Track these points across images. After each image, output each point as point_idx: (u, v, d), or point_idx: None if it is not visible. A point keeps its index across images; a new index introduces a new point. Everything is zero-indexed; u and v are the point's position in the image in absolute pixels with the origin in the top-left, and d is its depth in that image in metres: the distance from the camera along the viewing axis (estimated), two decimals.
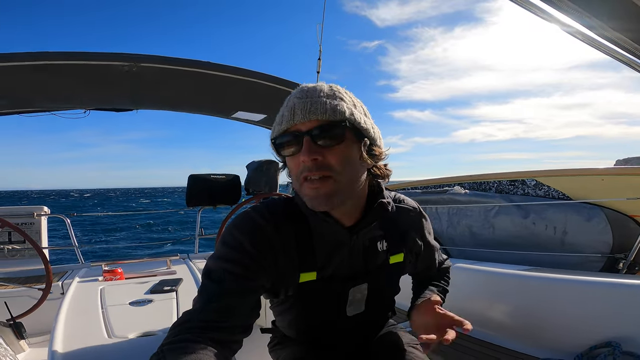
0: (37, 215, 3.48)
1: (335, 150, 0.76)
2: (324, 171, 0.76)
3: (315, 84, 0.82)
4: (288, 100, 0.81)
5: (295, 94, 0.80)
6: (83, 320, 1.56)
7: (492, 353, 2.01)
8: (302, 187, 0.79)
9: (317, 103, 0.76)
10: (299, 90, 0.81)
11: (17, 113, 2.63)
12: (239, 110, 2.92)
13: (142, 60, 2.00)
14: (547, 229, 3.39)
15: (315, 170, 0.76)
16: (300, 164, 0.77)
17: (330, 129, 0.76)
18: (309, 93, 0.78)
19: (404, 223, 1.00)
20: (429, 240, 1.08)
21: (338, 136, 0.76)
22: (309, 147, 0.75)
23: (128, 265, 2.65)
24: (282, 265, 0.85)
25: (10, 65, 1.85)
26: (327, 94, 0.78)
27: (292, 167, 0.81)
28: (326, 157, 0.76)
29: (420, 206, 1.08)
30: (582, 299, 1.89)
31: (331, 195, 0.77)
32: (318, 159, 0.75)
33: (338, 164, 0.77)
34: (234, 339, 0.75)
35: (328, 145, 0.76)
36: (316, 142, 0.75)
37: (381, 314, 1.11)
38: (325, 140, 0.76)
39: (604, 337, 1.79)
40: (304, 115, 0.75)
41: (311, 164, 0.75)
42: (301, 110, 0.76)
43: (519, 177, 3.73)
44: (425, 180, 4.64)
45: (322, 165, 0.76)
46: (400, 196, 1.04)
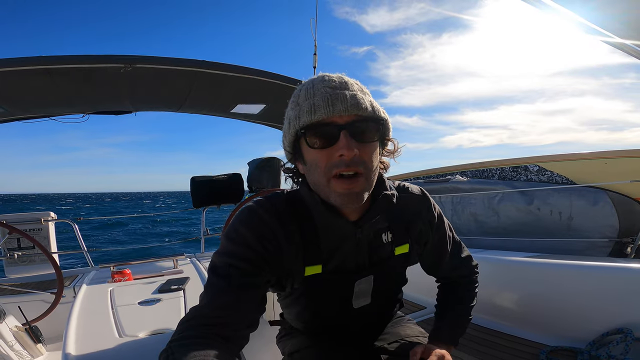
0: (44, 220, 3.52)
1: (370, 147, 0.76)
2: (357, 167, 0.74)
3: (338, 75, 0.79)
4: (314, 89, 0.77)
5: (323, 82, 0.77)
6: (94, 322, 1.59)
7: (501, 341, 2.00)
8: (331, 182, 0.76)
9: (357, 97, 0.74)
10: (327, 80, 0.77)
11: (16, 120, 2.65)
12: (238, 104, 2.91)
13: (137, 61, 2.00)
14: (553, 215, 3.37)
15: (351, 166, 0.74)
16: (332, 158, 0.75)
17: (372, 124, 0.76)
18: (343, 85, 0.76)
19: (409, 212, 0.97)
20: (437, 226, 1.03)
21: (376, 133, 0.77)
22: (349, 141, 0.73)
23: (136, 266, 2.68)
24: (287, 259, 0.85)
25: (6, 71, 1.86)
26: (361, 89, 0.77)
27: (320, 159, 0.76)
28: (362, 153, 0.75)
29: (426, 191, 1.04)
30: (592, 285, 1.86)
31: (361, 193, 0.77)
32: (357, 154, 0.74)
33: (370, 161, 0.76)
34: (240, 334, 0.76)
35: (366, 141, 0.75)
36: (353, 136, 0.74)
37: (388, 306, 1.11)
38: (366, 136, 0.75)
39: (616, 323, 1.76)
40: (345, 108, 0.72)
41: (349, 158, 0.73)
42: (342, 102, 0.73)
43: (522, 163, 3.71)
44: (427, 170, 4.63)
45: (358, 161, 0.74)
46: (404, 184, 1.01)
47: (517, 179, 3.78)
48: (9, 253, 3.31)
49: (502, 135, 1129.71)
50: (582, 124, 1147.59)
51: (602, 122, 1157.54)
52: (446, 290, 1.15)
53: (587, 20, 0.82)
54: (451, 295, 1.13)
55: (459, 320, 1.08)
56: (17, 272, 3.33)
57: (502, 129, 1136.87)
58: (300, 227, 0.86)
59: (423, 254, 1.06)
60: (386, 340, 1.09)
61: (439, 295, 1.16)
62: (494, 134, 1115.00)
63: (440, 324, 1.08)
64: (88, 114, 2.84)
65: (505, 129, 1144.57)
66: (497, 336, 2.06)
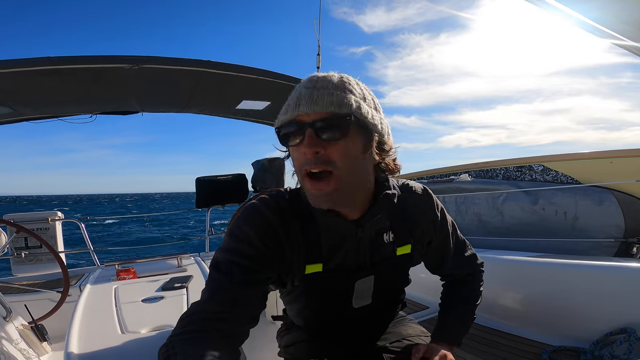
0: (51, 220, 3.56)
1: (338, 145, 0.74)
2: (324, 165, 0.74)
3: (326, 74, 0.79)
4: (296, 89, 0.79)
5: (304, 83, 0.78)
6: (98, 319, 1.61)
7: (505, 341, 1.99)
8: (304, 181, 0.78)
9: (323, 95, 0.73)
10: (308, 80, 0.78)
11: (25, 120, 2.69)
12: (242, 100, 2.92)
13: (143, 61, 2.02)
14: (557, 215, 3.35)
15: (316, 164, 0.74)
16: (302, 156, 0.75)
17: (334, 122, 0.73)
18: (317, 83, 0.76)
19: (412, 212, 0.96)
20: (441, 226, 1.01)
21: (342, 130, 0.73)
22: (311, 139, 0.73)
23: (140, 264, 2.71)
24: (288, 256, 0.85)
25: (16, 72, 1.89)
26: (336, 85, 0.76)
27: (295, 157, 0.79)
28: (328, 151, 0.74)
29: (429, 190, 1.02)
30: (596, 284, 1.85)
31: (332, 193, 0.75)
32: (320, 152, 0.73)
33: (340, 159, 0.74)
34: (240, 330, 0.77)
35: (331, 139, 0.73)
36: (319, 134, 0.73)
37: (390, 306, 1.11)
38: (329, 134, 0.73)
39: (620, 323, 1.75)
40: (308, 106, 0.73)
41: (312, 157, 0.74)
42: (306, 100, 0.73)
43: (526, 163, 3.69)
44: (431, 170, 4.61)
45: (324, 159, 0.74)
46: (408, 183, 1.00)
47: (522, 178, 3.76)
48: (17, 252, 3.36)
49: (500, 135, 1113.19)
50: (580, 124, 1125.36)
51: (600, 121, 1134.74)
52: (450, 289, 1.14)
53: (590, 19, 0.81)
54: (455, 294, 1.12)
55: (462, 319, 1.08)
56: (24, 271, 3.37)
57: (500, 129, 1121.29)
58: (302, 225, 0.86)
59: (427, 253, 1.05)
60: (387, 340, 1.09)
61: (443, 293, 1.15)
62: (492, 133, 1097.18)
63: (443, 323, 1.08)
64: (95, 114, 2.87)
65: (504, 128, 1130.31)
66: (499, 336, 2.06)
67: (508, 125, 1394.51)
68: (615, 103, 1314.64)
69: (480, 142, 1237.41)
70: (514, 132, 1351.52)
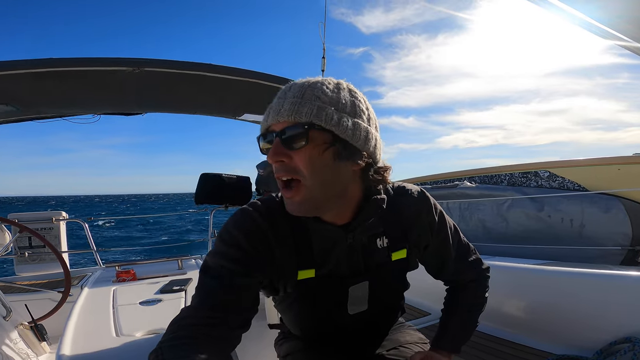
0: (55, 220, 3.58)
1: (301, 153, 0.74)
2: (291, 174, 0.75)
3: (305, 80, 0.79)
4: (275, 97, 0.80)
5: (282, 90, 0.79)
6: (94, 320, 1.61)
7: (508, 350, 1.96)
8: (281, 190, 0.79)
9: (287, 103, 0.74)
10: (283, 88, 0.79)
11: (29, 120, 2.71)
12: (245, 113, 2.94)
13: (146, 64, 2.02)
14: (563, 222, 3.31)
15: (282, 172, 0.75)
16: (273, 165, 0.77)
17: (292, 131, 0.73)
18: (287, 92, 0.77)
19: (406, 216, 0.94)
20: (438, 229, 0.98)
21: (299, 138, 0.73)
22: (275, 148, 0.74)
23: (141, 266, 2.71)
24: (279, 262, 0.84)
25: (21, 73, 1.90)
26: (302, 93, 0.75)
27: None
28: (293, 160, 0.74)
29: (427, 192, 0.99)
30: (600, 293, 1.81)
31: (302, 203, 0.76)
32: (284, 162, 0.74)
33: (304, 167, 0.74)
34: (232, 335, 0.76)
35: (291, 148, 0.74)
36: (284, 143, 0.74)
37: (387, 313, 1.08)
38: (289, 143, 0.74)
39: (624, 332, 1.71)
40: (274, 117, 0.75)
41: (277, 165, 0.75)
42: (273, 111, 0.75)
43: (532, 169, 3.65)
44: (435, 175, 4.58)
45: (289, 168, 0.74)
46: (404, 186, 0.97)
47: (527, 185, 3.72)
48: (20, 251, 3.38)
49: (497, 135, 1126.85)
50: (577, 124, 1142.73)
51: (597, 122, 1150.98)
52: (453, 295, 1.11)
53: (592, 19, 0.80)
54: (457, 300, 1.09)
55: (463, 326, 1.05)
56: (27, 270, 3.39)
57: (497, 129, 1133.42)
58: (293, 231, 0.86)
59: (425, 258, 1.03)
60: (384, 347, 1.06)
61: (446, 299, 1.12)
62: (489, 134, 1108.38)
63: (443, 330, 1.06)
64: (99, 115, 2.89)
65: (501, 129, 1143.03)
66: (502, 344, 2.02)
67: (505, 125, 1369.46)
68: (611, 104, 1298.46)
69: (478, 143, 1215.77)
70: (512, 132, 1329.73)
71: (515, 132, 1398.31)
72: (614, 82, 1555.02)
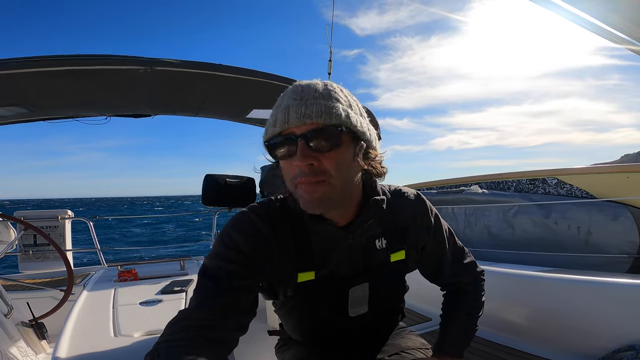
0: (61, 218, 3.60)
1: (330, 155, 0.74)
2: (319, 176, 0.73)
3: (310, 82, 0.78)
4: (282, 100, 0.77)
5: (289, 93, 0.77)
6: (93, 320, 1.60)
7: (511, 357, 1.94)
8: (297, 188, 0.77)
9: (312, 105, 0.73)
10: (292, 90, 0.77)
11: (40, 120, 2.72)
12: (253, 109, 2.92)
13: (157, 64, 2.03)
14: (570, 229, 3.28)
15: (310, 176, 0.73)
16: (295, 168, 0.75)
17: (325, 133, 0.72)
18: (303, 94, 0.75)
19: (404, 218, 0.95)
20: (434, 231, 0.99)
21: (334, 140, 0.73)
22: (304, 151, 0.72)
23: (143, 266, 2.71)
24: (278, 264, 0.84)
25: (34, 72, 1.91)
26: (322, 94, 0.75)
27: (287, 170, 0.78)
28: (321, 162, 0.73)
29: (422, 195, 1.01)
30: (604, 301, 1.80)
31: (325, 199, 0.75)
32: (314, 165, 0.73)
33: (333, 169, 0.74)
34: (229, 337, 0.75)
35: (324, 149, 0.73)
36: (310, 146, 0.72)
37: (388, 316, 1.07)
38: (321, 145, 0.72)
39: (628, 340, 1.70)
40: (298, 119, 0.72)
41: (306, 169, 0.73)
42: (296, 112, 0.72)
43: (539, 176, 3.63)
44: (441, 180, 4.56)
45: (318, 170, 0.73)
46: (400, 189, 0.98)
47: (535, 191, 3.69)
48: (25, 249, 3.40)
49: (490, 136, 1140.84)
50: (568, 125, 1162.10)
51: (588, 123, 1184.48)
52: (451, 299, 1.11)
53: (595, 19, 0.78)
54: (455, 304, 1.09)
55: (463, 330, 1.05)
56: (31, 268, 3.41)
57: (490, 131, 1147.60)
58: (293, 233, 0.85)
59: (422, 260, 1.02)
60: (386, 353, 1.05)
61: (444, 304, 1.12)
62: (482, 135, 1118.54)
63: (444, 335, 1.05)
64: (109, 116, 2.90)
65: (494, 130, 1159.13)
66: (505, 351, 2.00)
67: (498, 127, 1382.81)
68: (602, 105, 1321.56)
69: (472, 144, 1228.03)
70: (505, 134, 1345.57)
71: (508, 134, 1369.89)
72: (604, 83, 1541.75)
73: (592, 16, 0.76)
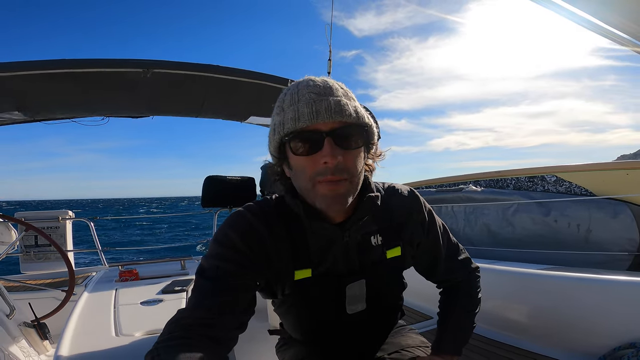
0: (62, 219, 3.61)
1: (353, 153, 0.76)
2: (341, 174, 0.75)
3: (323, 79, 0.79)
4: (298, 95, 0.76)
5: (307, 88, 0.76)
6: (94, 320, 1.61)
7: (511, 355, 1.94)
8: (316, 186, 0.77)
9: (341, 103, 0.73)
10: (312, 85, 0.76)
11: (39, 121, 2.73)
12: (251, 115, 2.94)
13: (155, 66, 2.03)
14: (570, 227, 3.28)
15: (335, 174, 0.74)
16: (316, 165, 0.75)
17: (355, 131, 0.75)
18: (327, 90, 0.75)
19: (398, 214, 0.95)
20: (429, 227, 1.00)
21: (359, 140, 0.76)
22: (332, 148, 0.73)
23: (144, 266, 2.72)
24: (275, 263, 0.85)
25: (33, 74, 1.91)
26: (345, 94, 0.77)
27: (306, 166, 0.77)
28: (344, 160, 0.74)
29: (416, 192, 1.02)
30: (605, 298, 1.79)
31: (345, 196, 0.76)
32: (340, 162, 0.74)
33: (353, 167, 0.76)
34: (228, 336, 0.76)
35: (350, 147, 0.75)
36: (337, 143, 0.74)
37: (387, 313, 1.07)
38: (349, 143, 0.75)
39: (629, 338, 1.69)
40: (329, 115, 0.72)
41: (333, 166, 0.73)
42: (325, 108, 0.72)
43: (538, 174, 3.63)
44: (439, 178, 4.55)
45: (341, 168, 0.74)
46: (393, 185, 0.99)
47: (534, 189, 3.69)
48: (26, 250, 3.40)
49: (487, 137, 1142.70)
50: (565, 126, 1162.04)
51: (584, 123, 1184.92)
52: (448, 297, 1.12)
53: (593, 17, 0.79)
54: (452, 301, 1.09)
55: (461, 327, 1.05)
56: (33, 268, 3.42)
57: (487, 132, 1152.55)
58: (289, 231, 0.86)
59: (417, 256, 1.03)
60: (385, 351, 1.06)
61: (441, 302, 1.13)
62: (480, 136, 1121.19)
63: (442, 333, 1.05)
64: (108, 117, 2.90)
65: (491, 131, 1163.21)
66: (505, 349, 2.00)
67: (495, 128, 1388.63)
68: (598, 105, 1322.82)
69: (469, 145, 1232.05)
70: (502, 134, 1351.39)
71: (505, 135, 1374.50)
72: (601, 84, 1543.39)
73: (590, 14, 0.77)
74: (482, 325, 1.08)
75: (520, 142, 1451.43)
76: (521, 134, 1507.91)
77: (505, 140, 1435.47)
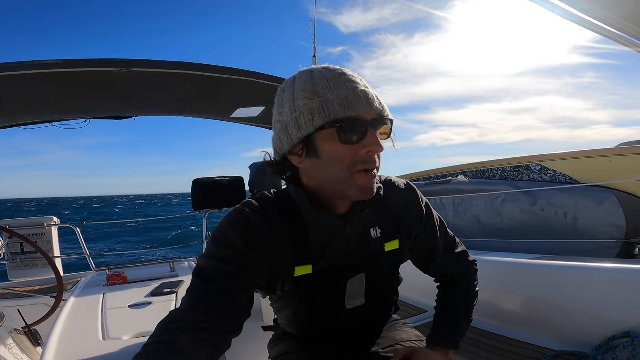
0: (47, 225, 3.55)
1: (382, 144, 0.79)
2: (376, 164, 0.79)
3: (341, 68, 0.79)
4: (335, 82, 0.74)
5: (344, 76, 0.76)
6: (81, 325, 1.59)
7: (505, 346, 1.95)
8: (354, 176, 0.76)
9: (375, 96, 0.76)
10: (347, 74, 0.76)
11: (17, 126, 2.66)
12: (237, 108, 2.90)
13: (134, 65, 1.99)
14: (557, 215, 3.31)
15: (378, 163, 0.79)
16: (358, 154, 0.75)
17: (390, 124, 0.80)
18: (362, 81, 0.78)
19: (396, 207, 0.95)
20: (426, 220, 1.00)
21: (390, 131, 0.82)
22: (377, 139, 0.76)
23: (132, 269, 2.68)
24: (275, 261, 0.83)
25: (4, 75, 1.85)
26: None
27: (345, 155, 0.75)
28: None
29: (413, 184, 1.02)
30: (598, 287, 1.80)
31: (374, 186, 0.80)
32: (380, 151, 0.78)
33: (380, 158, 0.80)
34: (222, 339, 0.73)
35: (383, 139, 0.80)
36: (377, 134, 0.77)
37: (383, 307, 1.07)
38: (384, 135, 0.81)
39: (623, 327, 1.69)
40: (379, 105, 0.76)
41: (374, 156, 0.77)
42: (373, 99, 0.75)
43: (523, 163, 3.65)
44: (427, 171, 4.57)
45: (376, 158, 0.78)
46: (390, 179, 0.99)
47: (520, 179, 3.72)
48: (12, 257, 3.34)
49: (472, 133, 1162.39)
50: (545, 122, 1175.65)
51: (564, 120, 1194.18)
52: (445, 290, 1.12)
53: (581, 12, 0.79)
54: (449, 295, 1.10)
55: (457, 321, 1.05)
56: (21, 276, 3.36)
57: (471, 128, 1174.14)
58: (289, 225, 0.84)
59: (415, 249, 1.03)
60: (380, 345, 1.06)
61: (438, 295, 1.13)
62: (464, 132, 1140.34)
63: (438, 326, 1.06)
64: (89, 119, 2.84)
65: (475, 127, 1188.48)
66: (499, 340, 2.02)
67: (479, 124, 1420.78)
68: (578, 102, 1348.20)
69: (454, 141, 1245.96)
70: (485, 130, 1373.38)
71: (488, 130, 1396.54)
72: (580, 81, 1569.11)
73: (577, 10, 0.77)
74: (475, 316, 1.09)
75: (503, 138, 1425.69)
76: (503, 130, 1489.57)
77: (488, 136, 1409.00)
